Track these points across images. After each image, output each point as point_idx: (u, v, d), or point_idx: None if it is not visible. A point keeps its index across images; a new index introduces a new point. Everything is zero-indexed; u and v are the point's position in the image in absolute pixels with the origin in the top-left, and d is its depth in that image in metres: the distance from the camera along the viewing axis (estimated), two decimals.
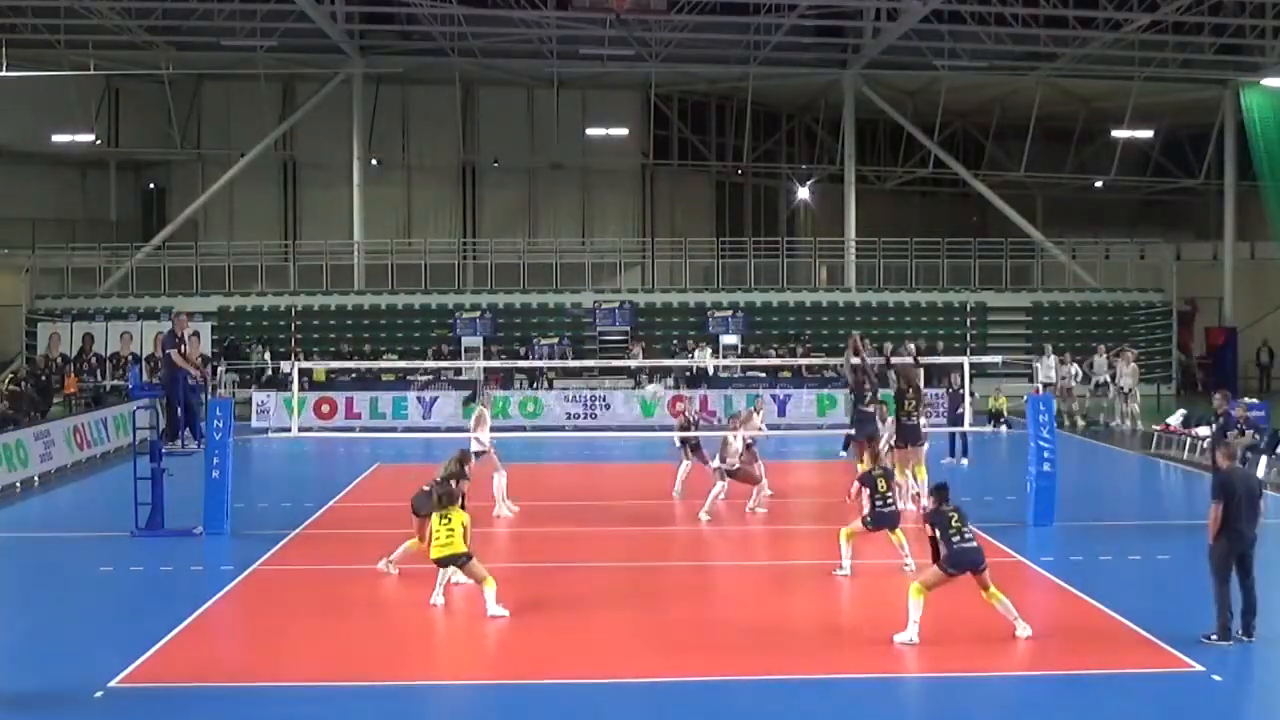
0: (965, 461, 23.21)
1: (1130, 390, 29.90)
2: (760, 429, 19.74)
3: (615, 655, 11.70)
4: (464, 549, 13.02)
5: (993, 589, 12.02)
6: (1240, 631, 11.58)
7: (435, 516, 13.12)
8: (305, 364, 26.28)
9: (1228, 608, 11.55)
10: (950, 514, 12.17)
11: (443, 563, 13.13)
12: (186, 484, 17.57)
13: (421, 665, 11.43)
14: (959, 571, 11.93)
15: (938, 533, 12.06)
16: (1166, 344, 38.07)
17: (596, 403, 31.57)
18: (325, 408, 31.11)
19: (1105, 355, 30.99)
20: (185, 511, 17.17)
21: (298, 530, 17.35)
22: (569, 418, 31.22)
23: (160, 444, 17.30)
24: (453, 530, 12.99)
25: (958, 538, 11.98)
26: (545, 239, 41.04)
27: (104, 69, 37.39)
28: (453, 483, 14.12)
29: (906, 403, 18.22)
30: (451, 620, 13.09)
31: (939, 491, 12.68)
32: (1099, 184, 44.98)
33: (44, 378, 30.03)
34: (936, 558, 12.08)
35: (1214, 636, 11.53)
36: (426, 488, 14.15)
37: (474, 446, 17.79)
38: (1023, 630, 11.89)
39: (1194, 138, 42.09)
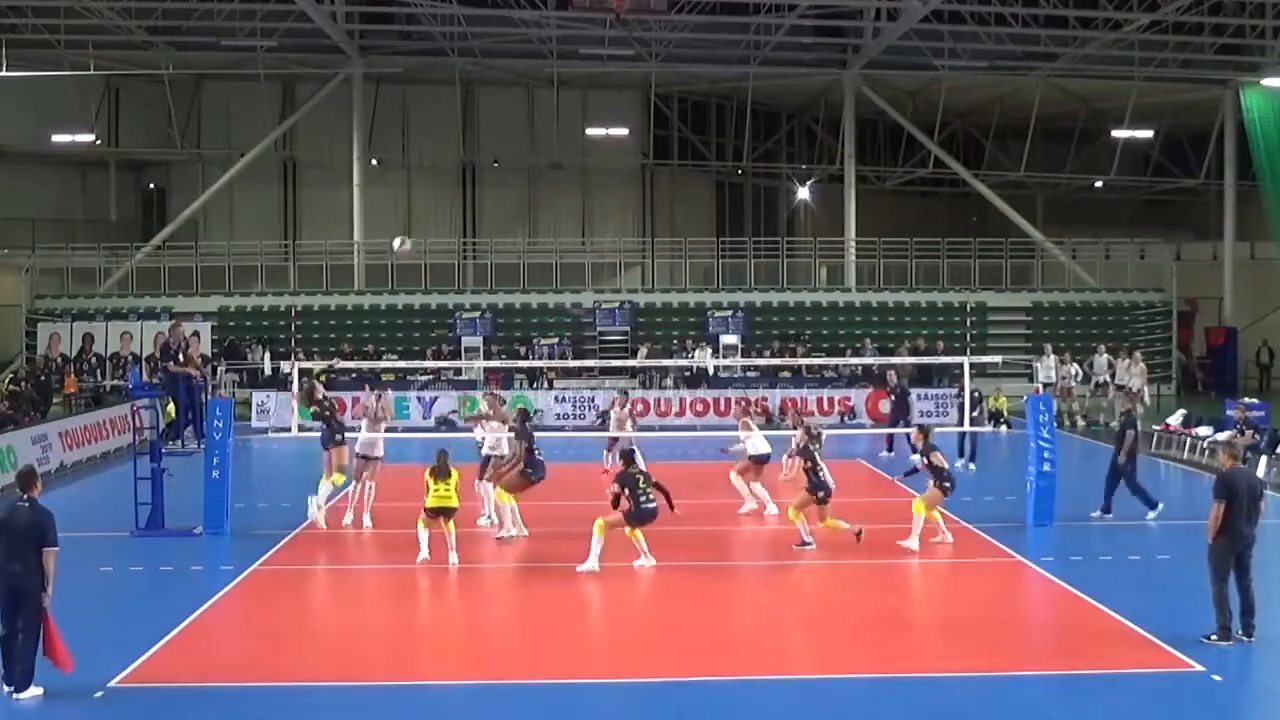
0: (972, 466, 22.80)
1: (1139, 391, 29.72)
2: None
3: (614, 655, 11.70)
4: (457, 504, 15.02)
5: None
6: (1240, 631, 11.58)
7: (433, 479, 14.97)
8: (305, 364, 26.23)
9: (1227, 608, 11.56)
10: (638, 475, 14.54)
11: (438, 513, 14.92)
12: (186, 484, 17.58)
13: (421, 665, 11.43)
14: (640, 524, 14.42)
15: (627, 491, 14.33)
16: (1166, 344, 38.02)
17: (583, 404, 31.51)
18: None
19: (1107, 355, 30.91)
20: (185, 511, 17.18)
21: (298, 530, 17.33)
22: (564, 418, 31.22)
23: (160, 444, 17.32)
24: (451, 490, 15.00)
25: (644, 497, 14.39)
26: (545, 239, 41.04)
27: (104, 69, 37.40)
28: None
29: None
30: (450, 620, 13.10)
31: (626, 456, 14.92)
32: (1099, 184, 45.00)
33: (44, 378, 29.98)
34: (618, 510, 14.41)
35: (1214, 636, 11.53)
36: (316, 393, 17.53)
37: (486, 449, 17.64)
38: (644, 561, 14.39)
39: (1194, 138, 42.09)
